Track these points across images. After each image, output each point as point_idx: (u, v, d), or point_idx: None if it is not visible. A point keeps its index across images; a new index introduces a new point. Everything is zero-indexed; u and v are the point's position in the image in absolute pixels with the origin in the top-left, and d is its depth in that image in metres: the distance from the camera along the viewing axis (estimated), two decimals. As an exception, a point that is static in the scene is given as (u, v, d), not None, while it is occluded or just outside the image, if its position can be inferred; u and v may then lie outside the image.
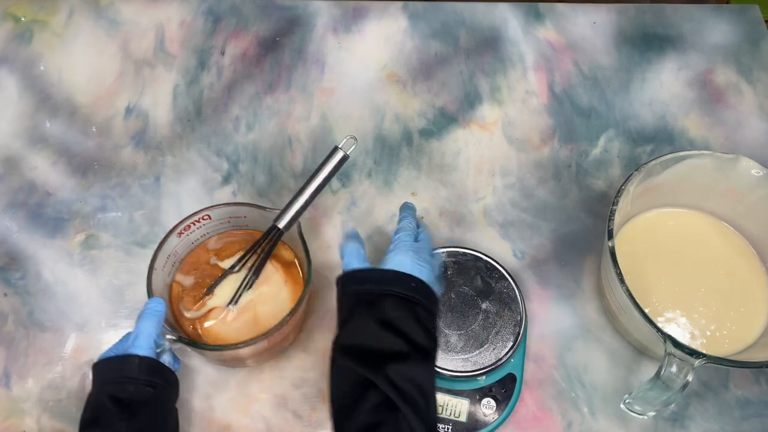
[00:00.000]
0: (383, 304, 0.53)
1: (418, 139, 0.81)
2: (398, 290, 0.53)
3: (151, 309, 0.58)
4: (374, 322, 0.52)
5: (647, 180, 0.66)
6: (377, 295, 0.53)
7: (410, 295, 0.53)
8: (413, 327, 0.52)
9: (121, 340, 0.58)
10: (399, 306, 0.53)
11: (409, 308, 0.53)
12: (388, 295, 0.53)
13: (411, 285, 0.54)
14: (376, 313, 0.52)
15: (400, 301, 0.53)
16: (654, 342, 0.62)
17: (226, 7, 0.91)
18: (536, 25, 0.89)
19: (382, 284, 0.54)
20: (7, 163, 0.79)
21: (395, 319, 0.52)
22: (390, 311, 0.52)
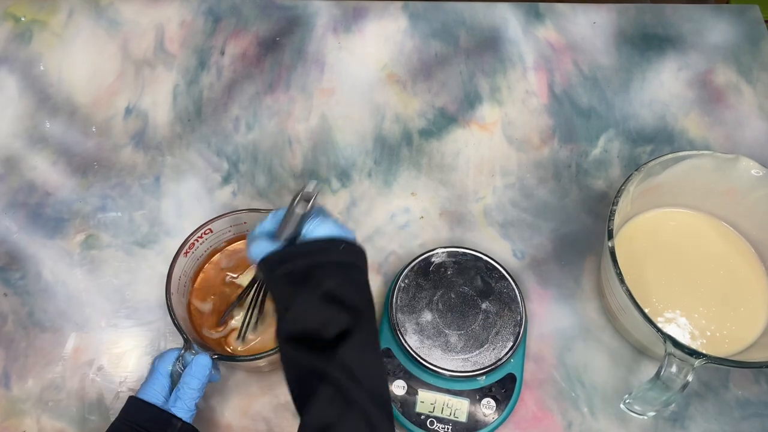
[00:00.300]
0: (318, 276, 0.49)
1: (418, 139, 0.81)
2: (331, 257, 0.51)
3: (200, 365, 0.57)
4: (315, 298, 0.49)
5: (647, 180, 0.66)
6: (311, 267, 0.50)
7: (342, 259, 0.51)
8: (354, 293, 0.50)
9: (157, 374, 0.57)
10: (337, 273, 0.50)
11: (346, 272, 0.50)
12: (320, 265, 0.50)
13: (340, 248, 0.51)
14: (312, 288, 0.49)
15: (336, 269, 0.50)
16: (654, 342, 0.62)
17: (226, 7, 0.91)
18: (536, 25, 0.89)
19: (312, 255, 0.51)
20: (7, 163, 0.79)
21: (336, 289, 0.49)
22: (327, 282, 0.49)
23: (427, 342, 0.64)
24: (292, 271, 0.50)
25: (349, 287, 0.50)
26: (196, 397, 0.56)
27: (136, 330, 0.70)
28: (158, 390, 0.56)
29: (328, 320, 0.48)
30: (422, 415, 0.63)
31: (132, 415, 0.55)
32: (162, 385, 0.56)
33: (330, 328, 0.48)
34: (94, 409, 0.66)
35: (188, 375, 0.56)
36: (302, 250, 0.51)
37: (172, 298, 0.61)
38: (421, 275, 0.67)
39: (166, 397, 0.56)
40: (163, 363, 0.57)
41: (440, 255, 0.68)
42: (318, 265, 0.50)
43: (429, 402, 0.63)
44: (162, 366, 0.57)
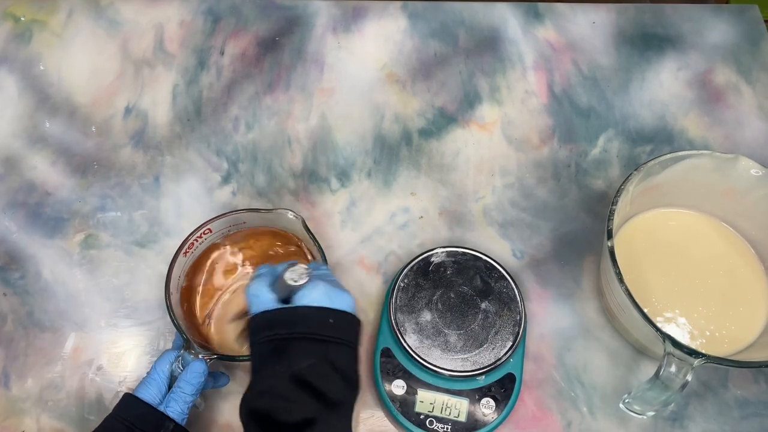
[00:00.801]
0: (292, 352, 0.47)
1: (417, 139, 0.81)
2: (310, 331, 0.47)
3: (195, 372, 0.56)
4: (281, 378, 0.46)
5: (646, 180, 0.66)
6: (286, 340, 0.47)
7: (324, 335, 0.47)
8: (328, 377, 0.46)
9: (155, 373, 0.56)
10: (311, 352, 0.47)
11: (324, 352, 0.47)
12: (298, 339, 0.47)
13: (328, 321, 0.48)
14: (283, 366, 0.46)
15: (313, 345, 0.47)
16: (653, 342, 0.62)
17: (225, 7, 0.91)
18: (536, 24, 0.89)
19: (290, 326, 0.48)
20: (7, 163, 0.79)
21: (306, 372, 0.46)
22: (300, 360, 0.46)
23: (427, 342, 0.64)
24: (273, 338, 0.48)
25: (323, 371, 0.46)
26: (189, 401, 0.56)
27: (135, 330, 0.70)
28: (154, 389, 0.56)
29: (291, 406, 0.45)
30: (421, 415, 0.63)
31: (125, 412, 0.54)
32: (159, 384, 0.56)
33: (292, 414, 0.45)
34: (94, 408, 0.66)
35: (183, 380, 0.56)
36: (285, 317, 0.48)
37: (171, 298, 0.61)
38: (421, 275, 0.67)
39: (162, 397, 0.56)
40: (161, 363, 0.57)
41: (440, 255, 0.68)
42: (296, 338, 0.47)
43: (428, 402, 0.63)
44: (160, 365, 0.57)
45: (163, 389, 0.56)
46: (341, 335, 0.49)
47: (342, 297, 0.50)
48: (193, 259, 0.66)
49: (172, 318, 0.60)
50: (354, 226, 0.75)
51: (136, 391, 0.56)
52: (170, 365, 0.57)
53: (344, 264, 0.73)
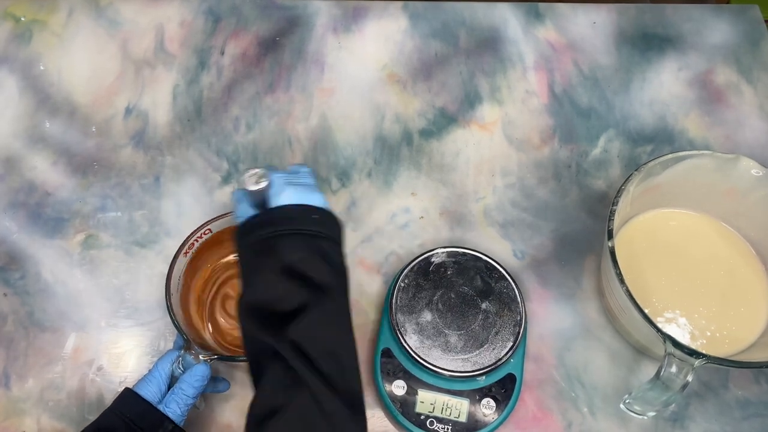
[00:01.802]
0: (282, 247, 0.47)
1: (418, 139, 0.81)
2: (298, 227, 0.48)
3: (198, 376, 0.56)
4: (273, 271, 0.46)
5: (647, 180, 0.66)
6: (273, 238, 0.47)
7: (313, 229, 0.48)
8: (320, 267, 0.47)
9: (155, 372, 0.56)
10: (301, 246, 0.47)
11: (314, 245, 0.48)
12: (286, 235, 0.47)
13: (312, 217, 0.49)
14: (274, 260, 0.47)
15: (302, 239, 0.48)
16: (654, 342, 0.62)
17: (226, 7, 0.91)
18: (536, 25, 0.89)
19: (276, 224, 0.48)
20: (7, 163, 0.79)
21: (298, 263, 0.46)
22: (291, 254, 0.47)
23: (427, 342, 0.64)
24: (257, 240, 0.48)
25: (315, 261, 0.47)
26: (190, 403, 0.56)
27: (135, 330, 0.70)
28: (154, 388, 0.56)
29: (285, 295, 0.46)
30: (422, 415, 0.63)
31: (125, 408, 0.54)
32: (159, 383, 0.56)
33: (286, 304, 0.46)
34: (94, 409, 0.66)
35: (185, 381, 0.56)
36: (269, 218, 0.49)
37: (171, 298, 0.61)
38: (421, 275, 0.67)
39: (161, 396, 0.56)
40: (162, 362, 0.57)
41: (440, 255, 0.68)
42: (282, 234, 0.48)
43: (429, 402, 0.63)
44: (161, 364, 0.57)
45: (163, 389, 0.56)
46: (325, 230, 0.50)
47: (314, 196, 0.51)
48: (193, 260, 0.66)
49: (173, 318, 0.60)
50: (354, 226, 0.75)
51: (136, 387, 0.56)
52: (171, 365, 0.57)
53: (345, 264, 0.73)
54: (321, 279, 0.47)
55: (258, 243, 0.48)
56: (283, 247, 0.47)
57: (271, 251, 0.47)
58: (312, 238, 0.48)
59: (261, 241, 0.48)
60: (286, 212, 0.49)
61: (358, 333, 0.69)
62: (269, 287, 0.46)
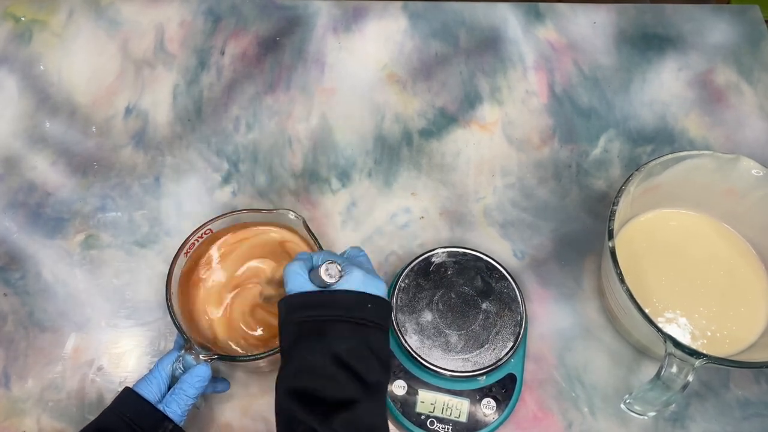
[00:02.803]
0: (332, 333, 0.47)
1: (418, 139, 0.81)
2: (350, 314, 0.48)
3: (199, 376, 0.56)
4: (322, 357, 0.47)
5: (647, 180, 0.66)
6: (325, 322, 0.48)
7: (364, 318, 0.48)
8: (367, 360, 0.47)
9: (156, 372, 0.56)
10: (351, 335, 0.48)
11: (363, 335, 0.48)
12: (337, 321, 0.48)
13: (367, 306, 0.49)
14: (324, 346, 0.47)
15: (353, 328, 0.48)
16: (654, 342, 0.62)
17: (226, 7, 0.91)
18: (536, 25, 0.89)
19: (330, 308, 0.48)
20: (7, 163, 0.79)
21: (346, 354, 0.47)
22: (340, 343, 0.47)
23: (428, 342, 0.64)
24: (311, 318, 0.48)
25: (363, 354, 0.47)
26: (190, 404, 0.56)
27: (136, 330, 0.70)
28: (155, 387, 0.56)
29: (334, 384, 0.46)
30: (422, 415, 0.63)
31: (124, 407, 0.54)
32: (159, 383, 0.56)
33: (335, 392, 0.46)
34: (94, 409, 0.66)
35: (186, 382, 0.56)
36: (325, 300, 0.49)
37: (172, 297, 0.61)
38: (422, 275, 0.67)
39: (162, 396, 0.56)
40: (163, 362, 0.57)
41: (440, 255, 0.68)
42: (336, 320, 0.48)
43: (429, 402, 0.63)
44: (162, 364, 0.57)
45: (164, 389, 0.56)
46: (377, 320, 0.50)
47: (376, 283, 0.51)
48: (193, 260, 0.66)
49: (173, 318, 0.59)
50: (354, 226, 0.75)
51: (136, 386, 0.56)
52: (172, 364, 0.57)
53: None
54: (369, 375, 0.47)
55: (309, 322, 0.48)
56: (334, 332, 0.47)
57: (321, 335, 0.47)
58: (364, 328, 0.49)
59: (312, 321, 0.48)
60: (343, 298, 0.49)
61: (358, 333, 0.69)
62: (315, 373, 0.47)
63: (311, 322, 0.48)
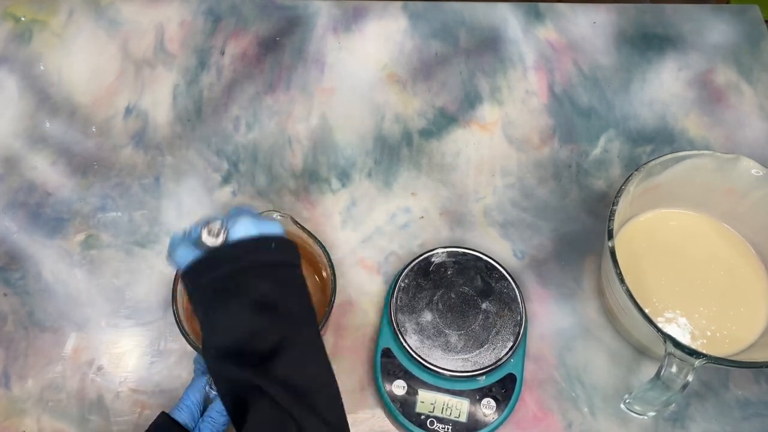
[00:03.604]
0: (248, 281, 0.45)
1: (418, 139, 0.81)
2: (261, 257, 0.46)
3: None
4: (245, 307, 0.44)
5: (647, 180, 0.66)
6: (232, 275, 0.45)
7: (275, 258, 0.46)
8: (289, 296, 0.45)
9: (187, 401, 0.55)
10: (267, 276, 0.45)
11: (279, 274, 0.46)
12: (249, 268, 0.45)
13: (271, 246, 0.47)
14: (244, 295, 0.45)
15: (263, 272, 0.46)
16: (654, 342, 0.62)
17: (226, 7, 0.91)
18: (536, 25, 0.89)
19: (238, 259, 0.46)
20: (7, 163, 0.79)
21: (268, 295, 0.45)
22: (259, 286, 0.45)
23: (427, 342, 0.64)
24: (217, 277, 0.45)
25: (283, 290, 0.46)
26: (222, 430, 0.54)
27: (136, 330, 0.70)
28: (187, 415, 0.54)
29: (261, 330, 0.44)
30: (422, 415, 0.63)
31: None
32: (191, 411, 0.55)
33: (264, 340, 0.44)
34: (94, 409, 0.66)
35: (215, 410, 0.54)
36: (227, 254, 0.46)
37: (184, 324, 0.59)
38: (421, 275, 0.67)
39: (195, 423, 0.55)
40: (192, 390, 0.56)
41: (440, 255, 0.68)
42: (246, 268, 0.46)
43: (429, 402, 0.63)
44: (192, 392, 0.56)
45: (196, 416, 0.55)
46: (286, 257, 0.48)
47: (270, 224, 0.49)
48: None
49: (189, 341, 0.58)
50: (354, 226, 0.75)
51: (173, 412, 0.55)
52: (201, 392, 0.56)
53: (344, 264, 0.73)
54: (294, 308, 0.46)
55: (217, 281, 0.46)
56: (250, 280, 0.45)
57: (235, 288, 0.45)
58: (277, 267, 0.47)
59: (221, 279, 0.46)
60: (242, 246, 0.47)
61: (358, 333, 0.69)
62: (243, 325, 0.45)
63: (218, 281, 0.46)
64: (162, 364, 0.68)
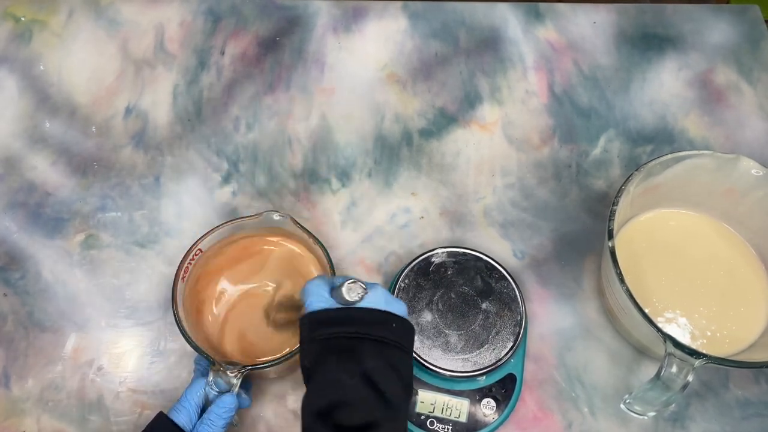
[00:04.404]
0: (360, 351, 0.46)
1: (418, 139, 0.81)
2: (378, 333, 0.47)
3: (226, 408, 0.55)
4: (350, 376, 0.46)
5: (647, 180, 0.66)
6: (352, 339, 0.47)
7: (390, 338, 0.47)
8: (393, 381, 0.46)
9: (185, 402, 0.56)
10: (378, 353, 0.47)
11: (389, 355, 0.47)
12: (365, 339, 0.47)
13: (392, 325, 0.48)
14: (352, 364, 0.46)
15: (379, 347, 0.47)
16: (654, 342, 0.62)
17: (226, 7, 0.91)
18: (536, 25, 0.89)
19: (357, 326, 0.47)
20: (7, 163, 0.79)
21: (374, 373, 0.46)
22: (368, 361, 0.46)
23: (427, 342, 0.64)
24: (333, 337, 0.47)
25: (390, 372, 0.47)
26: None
27: (136, 330, 0.70)
28: (185, 417, 0.55)
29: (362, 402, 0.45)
30: (422, 415, 0.63)
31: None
32: (189, 412, 0.55)
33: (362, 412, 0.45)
34: (94, 409, 0.66)
35: (213, 413, 0.55)
36: (351, 316, 0.48)
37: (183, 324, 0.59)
38: (421, 275, 0.67)
39: (193, 425, 0.55)
40: (190, 391, 0.56)
41: (440, 255, 0.68)
42: (363, 337, 0.47)
43: (429, 402, 0.63)
44: (190, 394, 0.56)
45: (194, 418, 0.55)
46: (402, 341, 0.49)
47: (398, 304, 0.51)
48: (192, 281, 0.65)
49: (189, 341, 0.58)
50: (354, 226, 0.75)
51: (170, 413, 0.55)
52: (201, 394, 0.56)
53: (345, 264, 0.73)
54: (394, 396, 0.46)
55: (334, 339, 0.47)
56: (364, 351, 0.46)
57: (347, 352, 0.46)
58: (390, 347, 0.48)
59: (338, 338, 0.47)
60: (369, 316, 0.48)
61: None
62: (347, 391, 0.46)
63: (336, 339, 0.47)
64: (162, 364, 0.68)
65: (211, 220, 0.75)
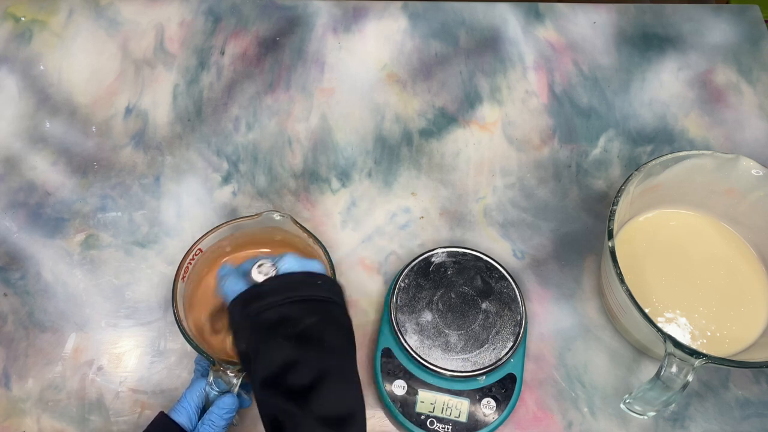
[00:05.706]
0: (293, 314, 0.47)
1: (418, 139, 0.81)
2: (305, 293, 0.48)
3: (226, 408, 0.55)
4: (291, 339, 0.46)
5: (647, 180, 0.66)
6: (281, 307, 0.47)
7: (319, 295, 0.48)
8: (333, 332, 0.47)
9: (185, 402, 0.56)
10: (312, 310, 0.47)
11: (323, 310, 0.48)
12: (294, 303, 0.47)
13: (317, 282, 0.49)
14: (287, 328, 0.46)
15: (311, 305, 0.48)
16: (654, 342, 0.62)
17: (226, 7, 0.91)
18: (536, 25, 0.89)
19: (282, 292, 0.47)
20: (7, 163, 0.79)
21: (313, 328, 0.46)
22: (304, 320, 0.47)
23: (427, 342, 0.64)
24: (266, 309, 0.47)
25: (327, 325, 0.48)
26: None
27: (136, 330, 0.70)
28: (185, 417, 0.55)
29: (305, 362, 0.46)
30: (422, 415, 0.63)
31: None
32: (189, 413, 0.55)
33: (307, 371, 0.46)
34: (94, 409, 0.66)
35: (214, 413, 0.55)
36: (275, 286, 0.48)
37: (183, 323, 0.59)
38: (421, 275, 0.67)
39: (193, 425, 0.55)
40: (190, 392, 0.57)
41: (440, 255, 0.68)
42: (293, 302, 0.47)
43: (429, 402, 0.63)
44: (190, 395, 0.56)
45: (195, 418, 0.56)
46: (331, 294, 0.50)
47: (314, 263, 0.51)
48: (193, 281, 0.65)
49: (189, 341, 0.58)
50: (354, 226, 0.75)
51: (171, 413, 0.55)
52: (200, 395, 0.56)
53: (345, 264, 0.73)
54: (337, 345, 0.47)
55: (266, 312, 0.47)
56: (297, 313, 0.47)
57: (282, 320, 0.47)
58: (321, 303, 0.48)
59: (269, 311, 0.47)
60: (291, 279, 0.49)
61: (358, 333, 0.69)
62: (288, 356, 0.46)
63: (267, 311, 0.47)
64: (162, 364, 0.68)
65: (211, 220, 0.75)
